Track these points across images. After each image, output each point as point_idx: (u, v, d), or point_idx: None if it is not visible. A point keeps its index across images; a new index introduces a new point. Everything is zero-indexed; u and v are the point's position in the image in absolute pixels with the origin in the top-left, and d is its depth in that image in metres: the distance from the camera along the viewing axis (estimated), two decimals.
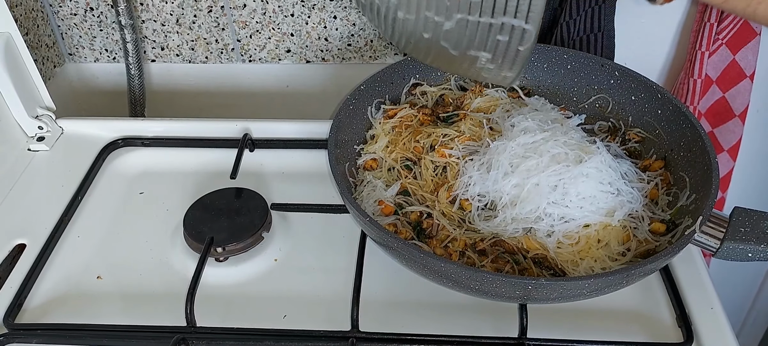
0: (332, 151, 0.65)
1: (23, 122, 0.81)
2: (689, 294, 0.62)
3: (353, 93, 0.72)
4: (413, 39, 0.50)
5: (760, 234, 0.57)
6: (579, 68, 0.77)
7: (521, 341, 0.58)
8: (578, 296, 0.56)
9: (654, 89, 0.71)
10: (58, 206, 0.72)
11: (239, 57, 0.97)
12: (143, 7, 0.92)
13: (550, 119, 0.71)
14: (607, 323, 0.61)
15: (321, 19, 0.92)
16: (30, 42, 0.89)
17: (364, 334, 0.58)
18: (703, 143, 0.64)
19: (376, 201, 0.66)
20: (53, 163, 0.79)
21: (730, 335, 0.59)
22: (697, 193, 0.62)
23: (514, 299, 0.57)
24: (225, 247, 0.65)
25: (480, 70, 0.50)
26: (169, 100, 1.01)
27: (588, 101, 0.77)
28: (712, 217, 0.58)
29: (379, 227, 0.57)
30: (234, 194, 0.71)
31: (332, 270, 0.66)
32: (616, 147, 0.71)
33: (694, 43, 0.87)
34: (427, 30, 0.49)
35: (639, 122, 0.73)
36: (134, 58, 0.93)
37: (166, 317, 0.61)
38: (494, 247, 0.61)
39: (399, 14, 0.49)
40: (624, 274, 0.54)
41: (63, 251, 0.69)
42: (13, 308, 0.62)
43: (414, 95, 0.78)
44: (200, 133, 0.82)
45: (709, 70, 0.88)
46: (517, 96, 0.77)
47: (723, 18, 0.84)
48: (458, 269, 0.54)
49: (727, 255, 0.58)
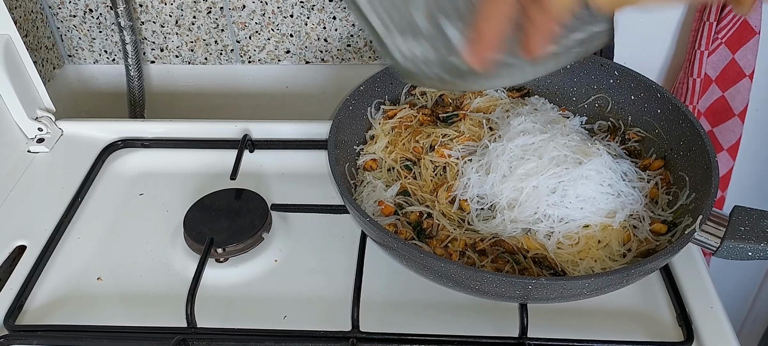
0: (332, 151, 0.65)
1: (23, 124, 0.81)
2: (689, 293, 0.62)
3: (353, 94, 0.72)
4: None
5: (759, 233, 0.57)
6: (578, 68, 0.77)
7: (522, 341, 0.58)
8: (578, 295, 0.56)
9: (653, 89, 0.71)
10: (58, 207, 0.72)
11: (239, 58, 0.97)
12: (142, 9, 0.92)
13: (549, 120, 0.71)
14: (608, 322, 0.61)
15: (320, 20, 0.92)
16: (29, 44, 0.89)
17: (364, 334, 0.58)
18: (703, 143, 0.64)
19: (375, 201, 0.66)
20: (53, 165, 0.79)
21: (730, 334, 0.59)
22: (696, 192, 0.62)
23: (514, 298, 0.58)
24: (225, 248, 0.65)
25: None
26: (169, 102, 1.01)
27: (587, 101, 0.77)
28: (712, 216, 0.58)
29: (379, 227, 0.57)
30: (234, 195, 0.71)
31: (332, 271, 0.66)
32: (616, 146, 0.71)
33: (693, 43, 0.87)
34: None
35: (638, 122, 0.73)
36: (134, 60, 0.93)
37: (167, 318, 0.61)
38: (494, 247, 0.61)
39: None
40: (624, 273, 0.54)
41: (63, 252, 0.69)
42: (13, 310, 0.62)
43: (413, 95, 0.78)
44: (200, 134, 0.82)
45: (709, 70, 0.88)
46: (517, 96, 0.77)
47: (722, 17, 0.84)
48: (458, 269, 0.54)
49: (727, 254, 0.58)
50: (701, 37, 0.85)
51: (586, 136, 0.72)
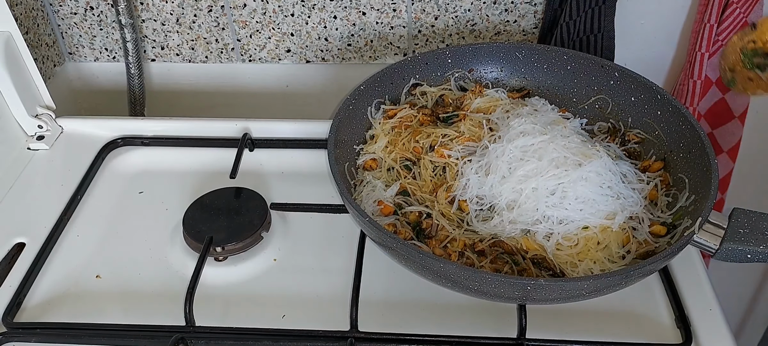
0: (332, 151, 0.65)
1: (23, 121, 0.81)
2: (688, 295, 0.62)
3: (353, 93, 0.72)
4: None
5: (759, 235, 0.57)
6: (579, 69, 0.77)
7: (520, 342, 0.58)
8: (577, 296, 0.56)
9: (654, 90, 0.71)
10: (58, 205, 0.72)
11: (239, 57, 0.97)
12: (143, 7, 0.92)
13: (549, 121, 0.71)
14: (606, 324, 0.61)
15: (321, 19, 0.92)
16: (30, 41, 0.89)
17: (363, 334, 0.58)
18: (703, 144, 0.64)
19: (375, 201, 0.66)
20: (53, 163, 0.79)
21: (728, 336, 0.59)
22: (696, 194, 0.62)
23: (513, 299, 0.58)
24: (224, 246, 0.65)
25: None
26: (169, 100, 1.01)
27: (588, 102, 0.77)
28: (711, 218, 0.58)
29: (378, 227, 0.57)
30: (233, 194, 0.71)
31: (331, 270, 0.66)
32: (615, 148, 0.71)
33: (693, 45, 0.87)
34: None
35: (638, 123, 0.73)
36: (134, 58, 0.93)
37: (165, 316, 0.61)
38: (493, 248, 0.61)
39: None
40: (622, 275, 0.54)
41: (62, 250, 0.69)
42: (12, 307, 0.62)
43: (414, 95, 0.78)
44: (200, 133, 0.82)
45: (709, 72, 0.88)
46: (518, 97, 0.77)
47: (723, 19, 0.84)
48: (457, 269, 0.54)
49: (727, 256, 0.58)
50: (702, 39, 0.85)
51: (586, 137, 0.72)
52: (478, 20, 0.91)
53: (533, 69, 0.79)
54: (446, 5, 0.89)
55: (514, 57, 0.79)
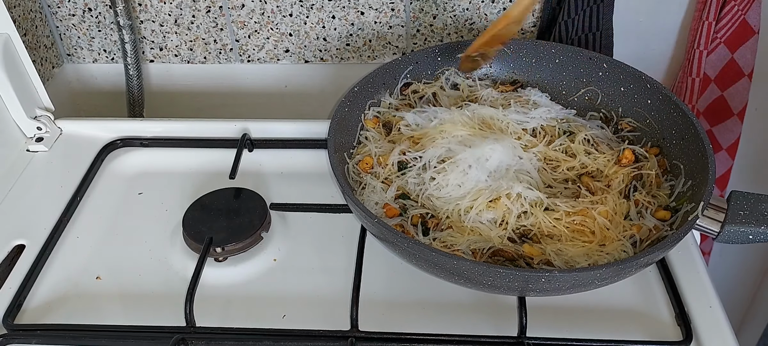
0: (332, 151, 0.65)
1: (22, 123, 0.81)
2: (688, 292, 0.62)
3: (347, 95, 0.72)
4: None
5: (759, 216, 0.58)
6: (567, 62, 0.77)
7: (520, 340, 0.58)
8: (582, 285, 0.55)
9: (642, 79, 0.72)
10: (57, 206, 0.72)
11: (238, 57, 0.97)
12: (141, 8, 0.92)
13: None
14: (606, 321, 0.61)
15: (319, 19, 0.92)
16: (28, 43, 0.89)
17: (363, 333, 0.58)
18: (696, 130, 0.64)
19: (375, 202, 0.66)
20: (52, 164, 0.79)
21: (729, 333, 0.59)
22: (693, 179, 0.63)
23: (512, 290, 0.57)
24: (224, 247, 0.65)
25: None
26: (168, 101, 1.01)
27: (577, 94, 0.77)
28: (710, 202, 0.58)
29: (381, 223, 0.57)
30: (233, 194, 0.71)
31: (331, 270, 0.66)
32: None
33: (692, 42, 0.87)
34: None
35: (629, 113, 0.74)
36: (133, 59, 0.93)
37: (166, 317, 0.61)
38: (494, 257, 0.60)
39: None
40: (633, 262, 0.54)
41: (62, 251, 0.69)
42: (12, 309, 0.62)
43: (405, 96, 0.78)
44: (199, 134, 0.82)
45: (708, 69, 0.88)
46: (510, 89, 0.77)
47: (721, 17, 0.84)
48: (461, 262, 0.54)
49: (729, 238, 0.58)
50: (700, 36, 0.85)
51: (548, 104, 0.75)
52: (476, 19, 0.91)
53: (522, 64, 0.80)
54: (444, 4, 0.89)
55: (503, 52, 0.79)
